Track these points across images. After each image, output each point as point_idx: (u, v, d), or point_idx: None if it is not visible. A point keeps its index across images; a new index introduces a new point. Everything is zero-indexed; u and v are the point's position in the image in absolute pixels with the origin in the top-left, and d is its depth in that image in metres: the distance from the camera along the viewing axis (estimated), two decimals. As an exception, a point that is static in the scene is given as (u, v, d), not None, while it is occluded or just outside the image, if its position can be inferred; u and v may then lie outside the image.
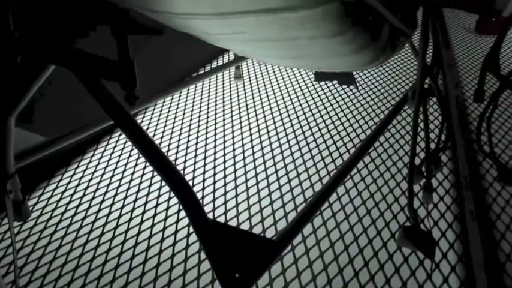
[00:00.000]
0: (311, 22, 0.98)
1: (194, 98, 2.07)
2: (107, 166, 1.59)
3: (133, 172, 1.58)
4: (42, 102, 1.47)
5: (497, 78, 1.95)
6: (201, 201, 1.35)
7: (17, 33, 0.99)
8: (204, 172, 1.55)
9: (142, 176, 1.54)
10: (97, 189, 1.48)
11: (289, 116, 1.93)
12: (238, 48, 1.43)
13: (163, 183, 1.44)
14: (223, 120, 1.90)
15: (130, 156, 1.65)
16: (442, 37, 2.95)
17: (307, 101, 2.07)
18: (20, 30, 0.99)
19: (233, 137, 1.76)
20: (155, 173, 1.51)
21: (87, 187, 1.49)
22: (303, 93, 2.15)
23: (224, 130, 1.81)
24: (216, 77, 2.24)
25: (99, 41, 0.87)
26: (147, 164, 1.60)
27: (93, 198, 1.44)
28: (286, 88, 2.21)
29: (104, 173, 1.56)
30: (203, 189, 1.48)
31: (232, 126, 1.85)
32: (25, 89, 1.04)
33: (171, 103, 2.02)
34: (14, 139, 1.18)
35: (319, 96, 2.12)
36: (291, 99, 2.09)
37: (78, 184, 1.50)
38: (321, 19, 0.95)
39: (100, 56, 0.80)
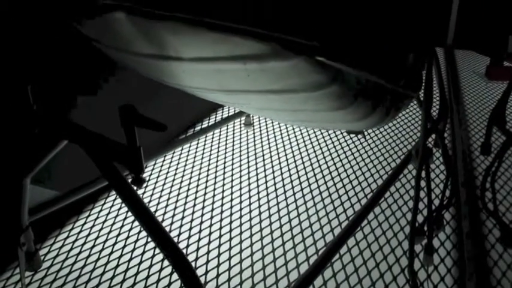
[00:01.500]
0: (313, 100, 1.03)
1: (204, 148, 2.13)
2: (117, 215, 1.65)
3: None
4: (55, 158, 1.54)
5: (503, 133, 1.98)
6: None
7: (36, 106, 1.06)
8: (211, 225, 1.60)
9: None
10: (106, 239, 1.53)
11: (296, 166, 1.98)
12: (243, 109, 1.50)
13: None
14: (232, 171, 1.96)
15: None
16: (452, 85, 2.99)
17: (314, 150, 2.11)
18: (38, 103, 1.06)
19: (240, 188, 1.81)
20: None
21: (97, 237, 1.54)
22: (311, 142, 2.20)
23: (232, 186, 1.86)
24: (227, 126, 2.31)
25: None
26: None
27: (102, 249, 1.49)
28: (295, 136, 2.26)
29: (114, 223, 1.61)
30: (220, 237, 1.52)
31: (232, 178, 1.89)
32: (41, 156, 1.10)
33: (180, 154, 2.08)
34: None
35: (326, 145, 2.16)
36: (298, 147, 2.14)
37: (89, 234, 1.56)
38: (322, 98, 1.01)
39: (111, 139, 0.86)
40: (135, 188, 0.86)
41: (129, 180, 0.87)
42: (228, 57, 0.86)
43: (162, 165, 1.99)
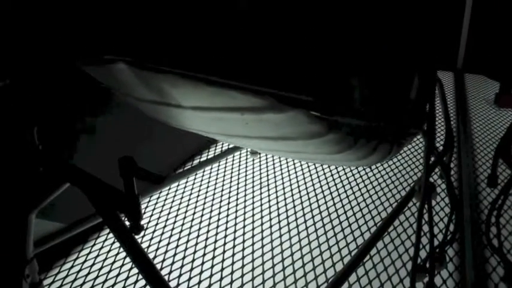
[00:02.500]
0: (312, 146, 1.05)
1: (209, 179, 2.15)
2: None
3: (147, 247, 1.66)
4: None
5: (509, 166, 1.97)
6: None
7: (41, 146, 1.09)
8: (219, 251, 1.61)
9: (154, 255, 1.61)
10: (110, 270, 1.55)
11: (300, 197, 1.98)
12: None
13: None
14: (236, 199, 1.97)
15: (144, 235, 1.73)
16: (460, 112, 2.98)
17: (319, 180, 2.12)
18: (43, 144, 1.09)
19: (244, 219, 1.82)
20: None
21: (102, 267, 1.56)
22: (317, 172, 2.21)
23: (236, 216, 1.87)
24: (233, 156, 2.33)
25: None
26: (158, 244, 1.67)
27: (106, 280, 1.51)
28: (301, 166, 2.27)
29: (118, 253, 1.63)
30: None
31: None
32: (46, 194, 1.13)
33: (185, 186, 2.10)
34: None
35: (332, 175, 2.17)
36: (304, 177, 2.15)
37: (93, 264, 1.58)
38: (321, 144, 1.02)
39: (111, 186, 0.89)
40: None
41: (128, 226, 0.89)
42: (225, 108, 0.88)
43: (167, 195, 2.01)
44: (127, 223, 0.88)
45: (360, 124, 1.06)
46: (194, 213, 1.88)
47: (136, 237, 1.08)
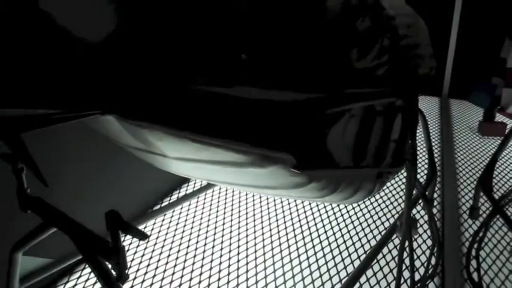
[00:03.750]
0: (295, 193, 1.09)
1: (196, 213, 2.18)
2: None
3: (135, 278, 1.67)
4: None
5: (489, 200, 2.01)
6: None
7: (29, 189, 1.11)
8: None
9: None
10: (95, 304, 1.56)
11: (286, 232, 2.01)
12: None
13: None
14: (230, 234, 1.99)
15: (131, 266, 1.74)
16: (445, 141, 3.02)
17: (306, 216, 2.15)
18: (31, 187, 1.11)
19: (229, 251, 1.85)
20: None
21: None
22: (303, 206, 2.24)
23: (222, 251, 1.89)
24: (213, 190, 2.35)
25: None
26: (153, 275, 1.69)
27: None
28: (288, 201, 2.30)
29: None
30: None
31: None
32: (33, 234, 1.15)
33: (170, 221, 2.12)
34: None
35: (317, 208, 2.20)
36: (290, 212, 2.18)
37: (79, 296, 1.59)
38: (304, 191, 1.06)
39: (97, 235, 0.91)
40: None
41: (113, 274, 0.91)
42: (209, 161, 0.92)
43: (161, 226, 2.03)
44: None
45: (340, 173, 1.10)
46: (179, 250, 1.89)
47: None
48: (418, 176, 2.15)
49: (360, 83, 1.02)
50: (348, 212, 2.16)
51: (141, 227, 2.01)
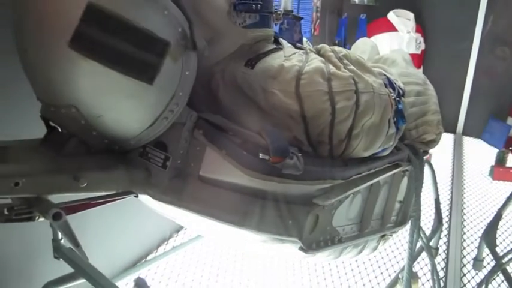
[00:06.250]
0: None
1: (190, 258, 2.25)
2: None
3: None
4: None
5: (492, 255, 2.06)
6: None
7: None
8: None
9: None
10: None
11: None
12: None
13: None
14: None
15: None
16: (454, 187, 3.04)
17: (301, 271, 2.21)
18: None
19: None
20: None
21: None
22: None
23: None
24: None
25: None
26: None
27: None
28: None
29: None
30: None
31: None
32: (64, 280, 1.26)
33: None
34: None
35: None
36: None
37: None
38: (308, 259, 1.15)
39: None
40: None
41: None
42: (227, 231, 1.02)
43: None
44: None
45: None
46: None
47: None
48: (425, 226, 2.22)
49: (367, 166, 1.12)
50: (350, 264, 2.19)
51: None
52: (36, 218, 0.86)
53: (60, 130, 0.90)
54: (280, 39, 1.14)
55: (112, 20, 0.75)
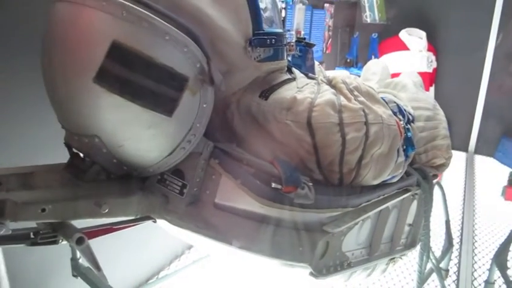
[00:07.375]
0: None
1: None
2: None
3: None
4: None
5: (503, 277, 2.06)
6: None
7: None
8: None
9: None
10: None
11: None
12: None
13: None
14: None
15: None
16: (466, 208, 3.03)
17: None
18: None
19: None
20: None
21: None
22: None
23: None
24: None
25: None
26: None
27: None
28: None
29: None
30: None
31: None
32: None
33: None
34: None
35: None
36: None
37: None
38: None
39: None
40: None
41: None
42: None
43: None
44: None
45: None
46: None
47: None
48: (435, 246, 2.22)
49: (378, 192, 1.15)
50: (360, 285, 2.19)
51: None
52: (60, 241, 0.90)
53: (82, 156, 0.94)
54: (293, 69, 1.18)
55: (135, 57, 0.79)
